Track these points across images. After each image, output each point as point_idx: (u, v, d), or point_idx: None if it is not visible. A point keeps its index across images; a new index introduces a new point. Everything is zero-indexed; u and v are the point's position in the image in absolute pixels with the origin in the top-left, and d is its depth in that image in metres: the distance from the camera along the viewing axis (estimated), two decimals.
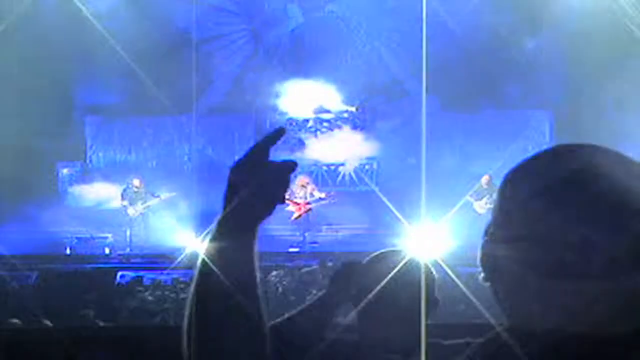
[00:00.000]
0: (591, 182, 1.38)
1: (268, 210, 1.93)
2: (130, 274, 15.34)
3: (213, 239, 1.83)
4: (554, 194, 1.39)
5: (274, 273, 13.94)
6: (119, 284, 14.85)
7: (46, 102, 19.16)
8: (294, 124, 21.33)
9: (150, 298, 12.61)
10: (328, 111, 21.40)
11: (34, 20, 19.38)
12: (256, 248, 1.87)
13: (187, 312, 1.76)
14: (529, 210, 1.40)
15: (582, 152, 1.45)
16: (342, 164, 20.84)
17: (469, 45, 19.88)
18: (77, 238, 17.75)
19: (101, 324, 9.75)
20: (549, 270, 1.37)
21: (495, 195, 1.54)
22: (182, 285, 13.87)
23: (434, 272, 2.91)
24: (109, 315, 10.67)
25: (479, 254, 1.52)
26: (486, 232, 1.52)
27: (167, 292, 13.11)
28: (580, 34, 19.55)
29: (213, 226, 1.85)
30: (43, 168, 19.80)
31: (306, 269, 14.57)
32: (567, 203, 1.37)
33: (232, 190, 1.82)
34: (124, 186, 18.26)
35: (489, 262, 1.49)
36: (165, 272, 15.05)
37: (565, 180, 1.40)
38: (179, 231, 16.76)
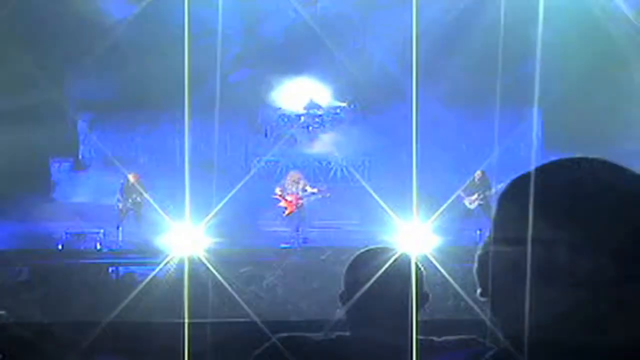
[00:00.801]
0: (586, 193, 1.40)
1: None
2: (121, 269, 15.32)
3: None
4: (551, 203, 1.40)
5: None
6: (110, 279, 14.84)
7: (39, 98, 19.10)
8: (286, 119, 21.33)
9: (143, 294, 12.58)
10: (320, 107, 21.39)
11: (27, 15, 19.33)
12: None
13: None
14: (526, 218, 1.41)
15: (579, 165, 1.46)
16: (335, 160, 20.84)
17: (463, 42, 19.89)
18: (68, 233, 17.71)
19: (93, 319, 9.73)
20: (542, 276, 1.38)
21: (490, 199, 1.54)
22: (174, 281, 13.87)
23: (423, 268, 2.92)
24: (101, 311, 10.65)
25: (475, 266, 1.52)
26: (484, 245, 1.52)
27: (159, 288, 13.10)
28: (573, 32, 19.59)
29: None
30: (35, 163, 19.76)
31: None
32: (561, 212, 1.39)
33: None
34: (122, 181, 18.22)
35: (484, 271, 1.49)
36: (157, 267, 15.03)
37: (561, 190, 1.41)
38: (171, 227, 16.74)
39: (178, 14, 20.42)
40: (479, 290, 1.52)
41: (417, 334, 2.80)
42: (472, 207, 17.65)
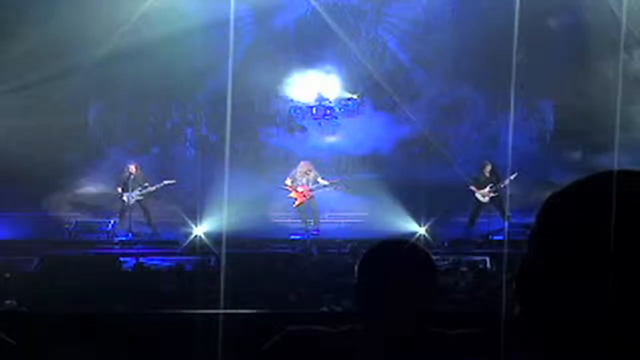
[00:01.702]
0: (631, 207, 1.37)
1: None
2: (131, 259, 15.33)
3: None
4: (599, 217, 1.37)
5: None
6: (120, 269, 14.85)
7: (52, 87, 19.12)
8: (297, 111, 21.31)
9: (153, 283, 12.61)
10: (331, 99, 21.36)
11: (40, 5, 19.37)
12: None
13: None
14: (573, 233, 1.39)
15: (624, 177, 1.43)
16: (345, 151, 20.81)
17: (474, 33, 19.83)
18: (79, 223, 17.74)
19: (102, 309, 9.76)
20: (590, 291, 1.36)
21: (534, 221, 1.48)
22: (184, 271, 13.88)
23: (435, 260, 2.91)
24: (110, 301, 10.68)
25: (514, 285, 1.48)
26: (522, 264, 1.48)
27: (169, 278, 13.13)
28: (583, 23, 19.55)
29: None
30: (47, 153, 19.76)
31: None
32: (609, 226, 1.36)
33: None
34: (121, 172, 18.21)
35: (526, 289, 1.46)
36: (167, 258, 15.07)
37: (608, 204, 1.38)
38: (180, 217, 16.77)
39: (192, 5, 20.47)
40: (517, 309, 1.49)
41: (428, 326, 2.80)
42: (485, 200, 17.57)
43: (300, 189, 17.88)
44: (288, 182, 18.05)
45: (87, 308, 9.76)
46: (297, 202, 17.90)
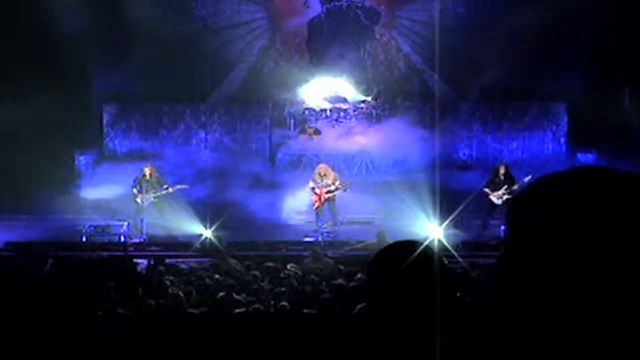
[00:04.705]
0: (589, 206, 1.38)
1: None
2: (145, 262, 15.34)
3: None
4: (556, 219, 1.40)
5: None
6: (134, 271, 14.86)
7: (65, 90, 19.17)
8: (311, 112, 21.33)
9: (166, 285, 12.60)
10: (345, 101, 21.38)
11: (52, 9, 19.44)
12: None
13: None
14: (534, 232, 1.41)
15: (588, 176, 1.45)
16: (359, 154, 20.80)
17: (488, 37, 19.82)
18: (92, 225, 17.76)
19: (117, 311, 9.76)
20: (547, 293, 1.38)
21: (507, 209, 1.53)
22: (199, 274, 13.88)
23: (447, 262, 2.90)
24: (125, 303, 10.69)
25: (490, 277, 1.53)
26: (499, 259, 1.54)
27: (182, 280, 13.12)
28: (597, 27, 19.54)
29: None
30: (61, 156, 19.84)
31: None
32: (567, 226, 1.38)
33: None
34: (137, 174, 18.23)
35: (499, 283, 1.50)
36: (180, 259, 15.07)
37: (569, 204, 1.40)
38: (194, 219, 16.78)
39: (204, 7, 20.53)
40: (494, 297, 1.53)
41: (440, 327, 2.78)
42: (499, 202, 17.51)
43: (317, 191, 17.84)
44: (310, 184, 17.92)
45: (100, 310, 9.76)
46: (316, 205, 17.84)
